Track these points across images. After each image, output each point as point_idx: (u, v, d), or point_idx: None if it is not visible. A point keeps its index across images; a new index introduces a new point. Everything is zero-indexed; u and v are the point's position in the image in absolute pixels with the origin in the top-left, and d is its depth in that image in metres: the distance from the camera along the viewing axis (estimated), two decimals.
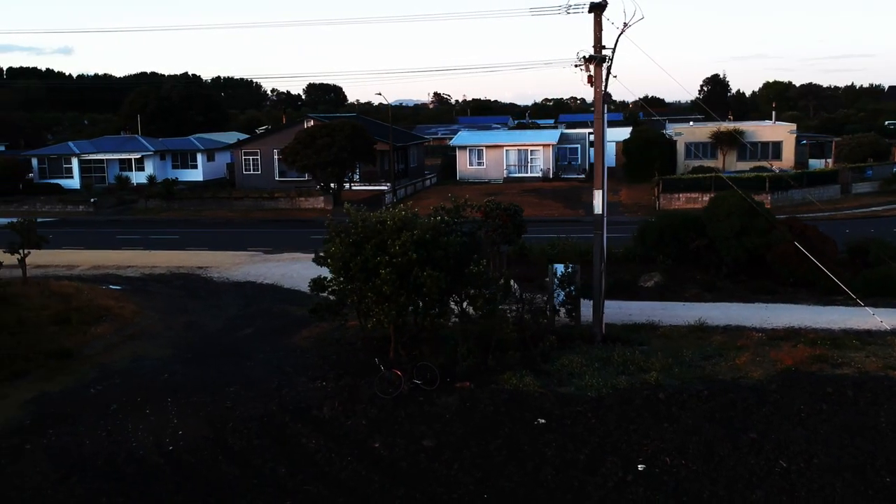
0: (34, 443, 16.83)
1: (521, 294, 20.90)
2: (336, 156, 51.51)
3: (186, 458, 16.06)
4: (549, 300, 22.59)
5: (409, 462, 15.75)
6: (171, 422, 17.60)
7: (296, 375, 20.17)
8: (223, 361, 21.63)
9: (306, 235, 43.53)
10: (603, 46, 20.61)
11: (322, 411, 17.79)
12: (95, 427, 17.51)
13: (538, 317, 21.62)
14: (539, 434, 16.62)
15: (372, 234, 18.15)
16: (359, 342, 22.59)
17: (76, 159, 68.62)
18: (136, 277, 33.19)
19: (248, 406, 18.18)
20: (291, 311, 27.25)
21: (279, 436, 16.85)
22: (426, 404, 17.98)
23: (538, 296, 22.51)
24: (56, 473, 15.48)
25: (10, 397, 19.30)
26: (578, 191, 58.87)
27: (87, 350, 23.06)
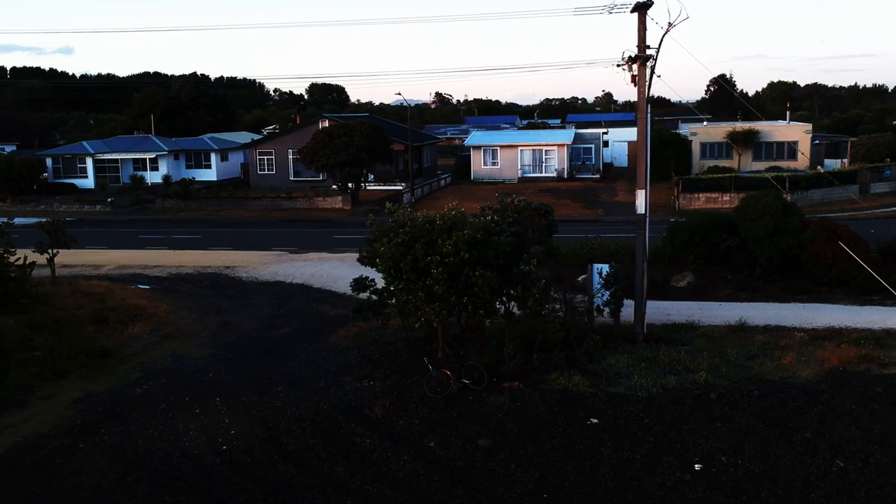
0: (88, 442, 16.84)
1: (565, 295, 20.87)
2: (354, 156, 51.51)
3: (242, 458, 16.04)
4: (588, 300, 22.57)
5: (465, 462, 15.73)
6: (222, 421, 17.60)
7: (341, 375, 20.17)
8: (265, 361, 21.63)
9: (328, 235, 43.60)
10: (647, 46, 20.59)
11: (373, 411, 17.77)
12: (146, 426, 17.51)
13: (580, 317, 21.61)
14: (593, 434, 16.60)
15: (421, 234, 18.13)
16: (399, 342, 22.61)
17: (91, 159, 68.64)
18: (164, 277, 33.19)
19: (299, 405, 18.17)
20: (325, 310, 27.27)
21: (333, 435, 16.83)
22: (476, 404, 17.97)
23: (578, 296, 22.48)
24: (113, 472, 15.48)
25: (56, 396, 19.31)
26: (595, 191, 58.85)
27: (125, 350, 23.07)
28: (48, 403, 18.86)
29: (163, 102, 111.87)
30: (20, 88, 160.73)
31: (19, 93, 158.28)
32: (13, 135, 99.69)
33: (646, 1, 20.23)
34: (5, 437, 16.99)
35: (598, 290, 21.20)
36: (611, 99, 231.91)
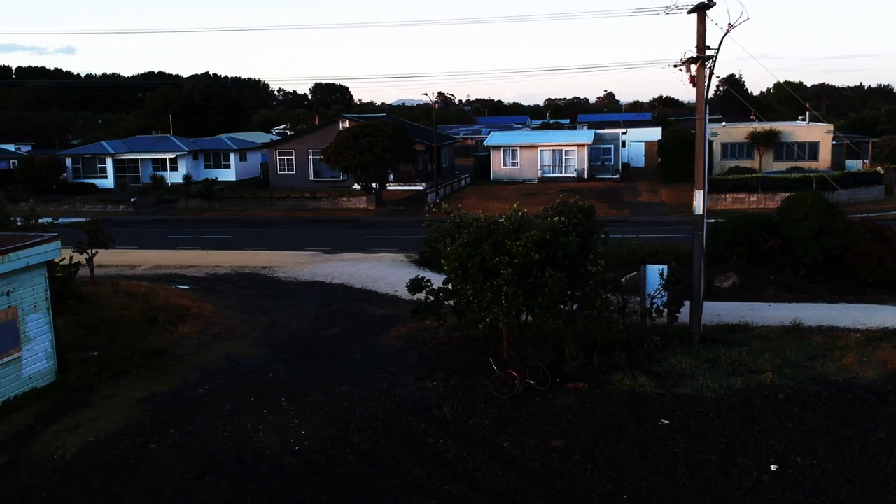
0: (158, 442, 16.84)
1: (622, 295, 20.87)
2: (379, 156, 51.54)
3: (317, 458, 16.05)
4: (641, 300, 22.54)
5: (541, 462, 15.73)
6: (291, 421, 17.60)
7: (402, 375, 20.17)
8: (322, 361, 21.64)
9: (358, 235, 43.62)
10: (707, 47, 20.58)
11: (442, 411, 17.78)
12: (214, 427, 17.52)
13: (633, 317, 21.61)
14: (666, 435, 16.59)
15: (486, 234, 18.13)
16: (453, 342, 22.62)
17: (110, 159, 68.74)
18: (202, 277, 33.21)
19: (366, 406, 18.18)
20: (370, 310, 27.27)
21: (405, 436, 16.83)
22: (544, 405, 17.97)
23: (632, 297, 22.46)
24: (190, 473, 15.49)
25: (119, 396, 19.32)
26: (617, 191, 58.81)
27: (178, 350, 23.08)
28: (112, 403, 18.87)
29: (176, 102, 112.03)
30: (27, 88, 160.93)
31: (26, 93, 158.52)
32: (27, 134, 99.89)
33: (706, 2, 20.20)
34: (77, 436, 17.00)
35: (657, 291, 21.16)
36: (613, 99, 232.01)
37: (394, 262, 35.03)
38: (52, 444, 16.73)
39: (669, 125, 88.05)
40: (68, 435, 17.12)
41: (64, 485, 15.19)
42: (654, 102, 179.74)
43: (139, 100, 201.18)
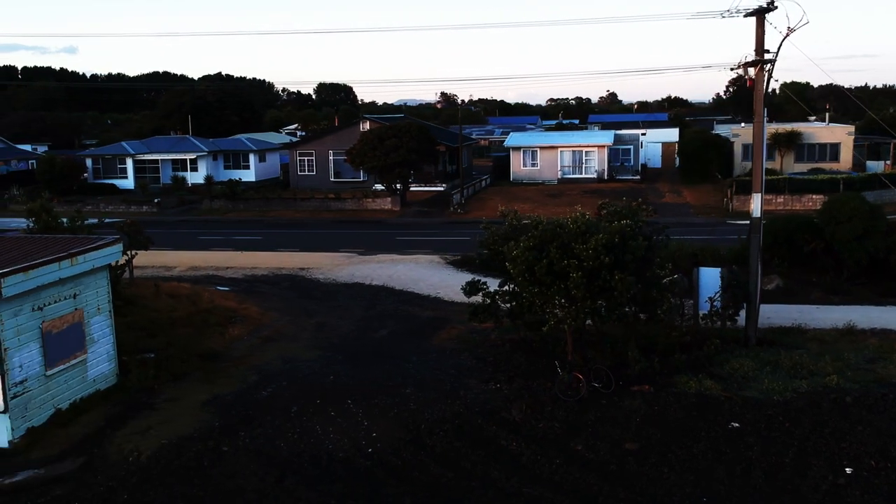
0: (230, 445, 16.91)
1: (681, 299, 20.93)
2: (405, 157, 51.61)
3: (392, 460, 16.12)
4: (695, 304, 22.60)
5: (617, 465, 15.79)
6: (361, 424, 17.67)
7: (463, 377, 20.23)
8: (378, 363, 21.70)
9: (389, 237, 43.68)
10: (767, 50, 20.62)
11: (511, 413, 17.85)
12: (283, 429, 17.58)
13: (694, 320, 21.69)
14: (737, 438, 16.65)
15: (551, 237, 18.18)
16: (506, 344, 22.69)
17: (130, 160, 68.86)
18: (240, 279, 33.29)
19: (433, 408, 18.25)
20: (416, 312, 27.34)
21: (477, 438, 16.90)
22: (611, 407, 18.03)
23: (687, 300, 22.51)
24: (270, 476, 15.56)
25: (183, 399, 19.39)
26: (639, 192, 58.61)
27: (232, 352, 23.16)
28: (178, 406, 18.95)
29: (189, 103, 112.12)
30: (34, 89, 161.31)
31: (33, 93, 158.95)
32: (43, 135, 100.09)
33: (766, 6, 20.24)
34: (150, 439, 17.08)
35: (716, 294, 21.21)
36: (615, 99, 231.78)
37: (431, 263, 35.09)
38: (126, 447, 16.81)
39: (686, 126, 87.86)
40: (140, 437, 17.20)
41: (143, 487, 15.27)
42: (665, 103, 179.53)
43: (145, 100, 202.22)
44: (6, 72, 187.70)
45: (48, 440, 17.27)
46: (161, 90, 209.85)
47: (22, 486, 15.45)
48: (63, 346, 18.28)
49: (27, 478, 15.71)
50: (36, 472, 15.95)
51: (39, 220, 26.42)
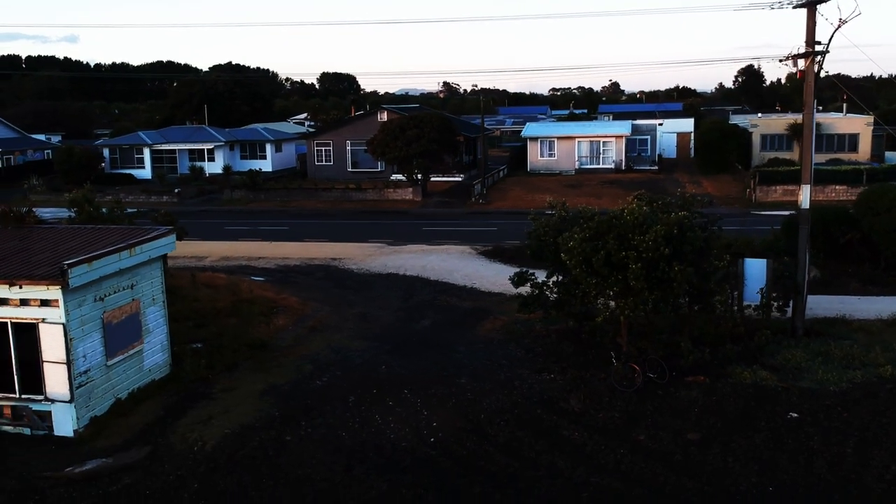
0: (293, 434, 17.05)
1: (732, 291, 20.99)
2: (426, 147, 51.61)
3: (457, 450, 16.25)
4: (739, 295, 22.64)
5: (681, 455, 15.90)
6: (420, 413, 17.80)
7: (515, 368, 20.35)
8: (427, 353, 21.82)
9: (416, 227, 43.72)
10: (818, 42, 20.63)
11: (569, 403, 17.97)
12: (343, 419, 17.72)
13: (739, 311, 21.74)
14: (797, 428, 16.76)
15: (607, 228, 18.26)
16: (552, 335, 22.79)
17: (147, 149, 68.92)
18: (273, 269, 33.40)
19: (490, 398, 18.38)
20: (455, 303, 27.43)
21: (538, 428, 17.03)
22: (668, 398, 18.15)
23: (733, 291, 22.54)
24: (337, 465, 15.69)
25: (239, 389, 19.52)
26: (659, 183, 58.71)
27: (279, 342, 23.28)
28: (235, 396, 19.07)
29: (200, 93, 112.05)
30: (40, 79, 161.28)
31: (38, 83, 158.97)
32: (55, 125, 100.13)
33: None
34: (213, 429, 17.23)
35: (764, 285, 21.27)
36: (618, 89, 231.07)
37: (462, 254, 35.16)
38: (190, 436, 16.96)
39: (700, 116, 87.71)
40: (203, 427, 17.34)
41: (212, 476, 15.42)
42: (674, 92, 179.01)
43: (149, 89, 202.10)
44: (10, 61, 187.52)
45: (111, 429, 17.43)
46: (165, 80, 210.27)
47: (92, 475, 15.61)
48: (122, 337, 18.41)
49: (96, 466, 15.86)
50: (104, 460, 16.09)
51: (82, 211, 26.51)
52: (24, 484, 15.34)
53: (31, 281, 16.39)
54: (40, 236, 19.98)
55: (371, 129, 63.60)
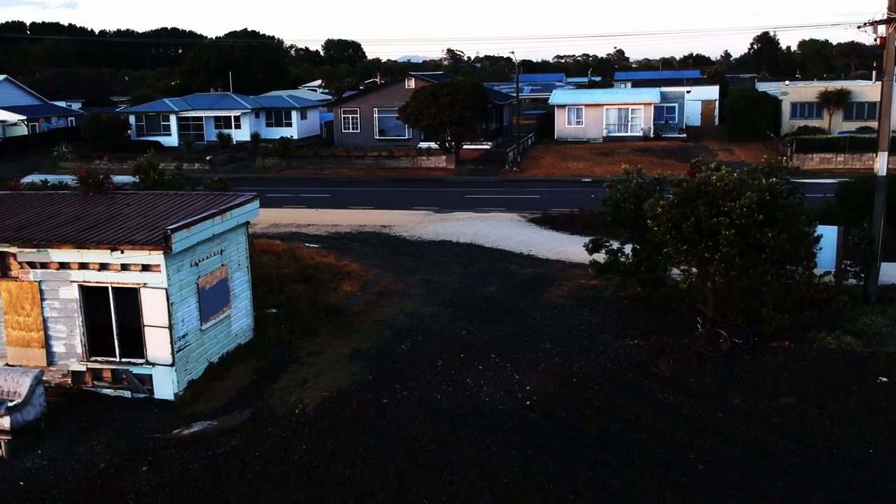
0: (389, 397, 17.30)
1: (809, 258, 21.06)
2: (460, 115, 51.49)
3: (556, 412, 16.50)
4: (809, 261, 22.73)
5: (779, 418, 16.12)
6: (511, 377, 18.04)
7: (594, 333, 20.56)
8: (503, 319, 22.02)
9: (458, 195, 43.79)
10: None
11: (658, 368, 18.19)
12: (435, 382, 17.96)
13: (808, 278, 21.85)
14: (890, 392, 16.96)
15: (695, 195, 18.33)
16: (624, 301, 22.98)
17: (174, 117, 68.81)
18: (325, 236, 33.55)
19: (579, 362, 18.60)
20: (515, 269, 27.61)
21: (632, 391, 17.26)
22: (755, 362, 18.37)
23: None
24: (441, 427, 15.93)
25: (325, 353, 19.76)
26: (690, 150, 58.60)
27: (351, 307, 23.50)
28: (323, 360, 19.29)
29: (216, 60, 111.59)
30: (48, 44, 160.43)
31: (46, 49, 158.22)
32: (75, 91, 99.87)
33: None
34: (311, 391, 17.48)
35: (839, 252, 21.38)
36: (623, 56, 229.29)
37: (511, 221, 35.31)
38: (289, 399, 17.22)
39: (726, 83, 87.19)
40: (300, 390, 17.59)
41: (318, 437, 15.67)
42: (689, 60, 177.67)
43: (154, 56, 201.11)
44: (15, 27, 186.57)
45: (209, 392, 17.70)
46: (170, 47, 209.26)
47: (200, 437, 15.89)
48: (213, 302, 18.63)
49: (203, 429, 16.15)
50: (210, 423, 16.37)
51: (148, 177, 26.63)
52: (136, 445, 15.64)
53: (133, 246, 16.56)
54: (125, 202, 20.13)
55: (398, 97, 63.53)
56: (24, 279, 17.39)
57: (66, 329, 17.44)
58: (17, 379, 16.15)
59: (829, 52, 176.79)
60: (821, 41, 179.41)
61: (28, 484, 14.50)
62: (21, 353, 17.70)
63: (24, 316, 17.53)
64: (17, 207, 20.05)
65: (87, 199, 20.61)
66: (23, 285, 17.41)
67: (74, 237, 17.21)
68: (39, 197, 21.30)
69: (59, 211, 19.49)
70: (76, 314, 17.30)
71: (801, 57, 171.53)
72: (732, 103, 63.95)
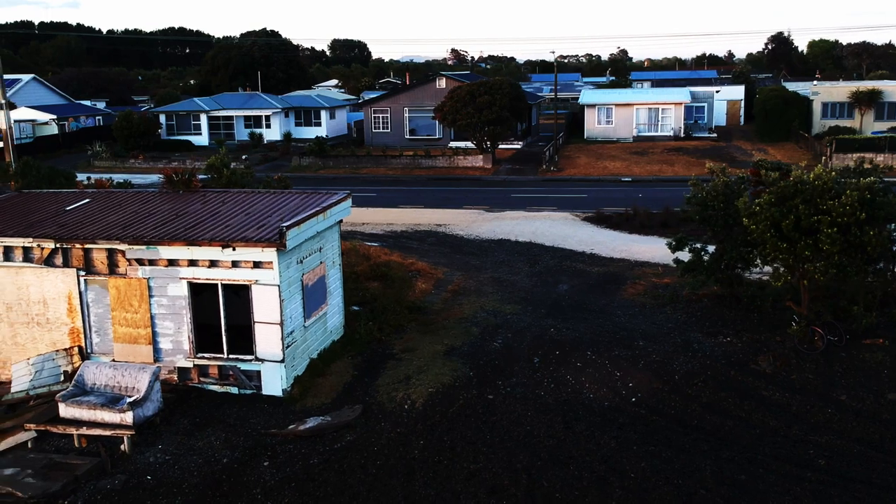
0: (494, 394, 17.46)
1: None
2: (498, 114, 51.65)
3: (665, 409, 16.66)
4: None
5: (889, 414, 16.27)
6: (612, 374, 18.19)
7: (684, 331, 20.70)
8: (587, 316, 22.17)
9: (504, 194, 43.96)
10: None
11: (759, 365, 18.34)
12: (535, 379, 18.12)
13: None
14: None
15: (792, 194, 18.46)
16: (703, 299, 23.10)
17: (205, 116, 69.05)
18: (382, 234, 33.73)
19: (678, 360, 18.75)
20: (582, 268, 27.76)
21: (737, 388, 17.41)
22: (852, 359, 18.50)
23: None
24: (555, 423, 16.09)
25: (420, 350, 19.91)
26: (723, 150, 58.73)
27: (430, 305, 23.66)
28: (420, 357, 19.43)
29: (235, 59, 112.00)
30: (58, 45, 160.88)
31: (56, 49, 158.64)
32: (100, 91, 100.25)
33: None
34: (417, 388, 17.63)
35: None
36: (626, 56, 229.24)
37: (566, 220, 35.47)
38: (396, 395, 17.38)
39: (750, 83, 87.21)
40: (405, 386, 17.75)
41: (434, 433, 15.83)
42: (705, 60, 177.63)
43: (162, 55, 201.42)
44: (24, 27, 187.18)
45: (315, 389, 17.89)
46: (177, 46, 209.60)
47: (315, 432, 16.07)
48: (314, 299, 18.83)
49: (318, 424, 16.33)
50: (323, 419, 16.56)
51: (222, 175, 26.82)
52: (253, 441, 15.82)
53: (246, 243, 16.75)
54: (219, 200, 20.32)
55: (428, 96, 63.84)
56: (133, 276, 17.59)
57: (174, 326, 17.63)
58: (135, 375, 16.36)
59: (838, 53, 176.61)
60: (830, 41, 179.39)
61: (156, 479, 14.69)
62: (128, 350, 17.90)
63: (131, 313, 17.73)
64: (111, 205, 20.25)
65: (180, 198, 20.81)
66: (131, 282, 17.62)
67: (184, 234, 17.39)
68: (130, 195, 21.50)
69: (157, 209, 19.69)
70: (184, 311, 17.50)
71: (810, 57, 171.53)
72: (763, 103, 64.03)
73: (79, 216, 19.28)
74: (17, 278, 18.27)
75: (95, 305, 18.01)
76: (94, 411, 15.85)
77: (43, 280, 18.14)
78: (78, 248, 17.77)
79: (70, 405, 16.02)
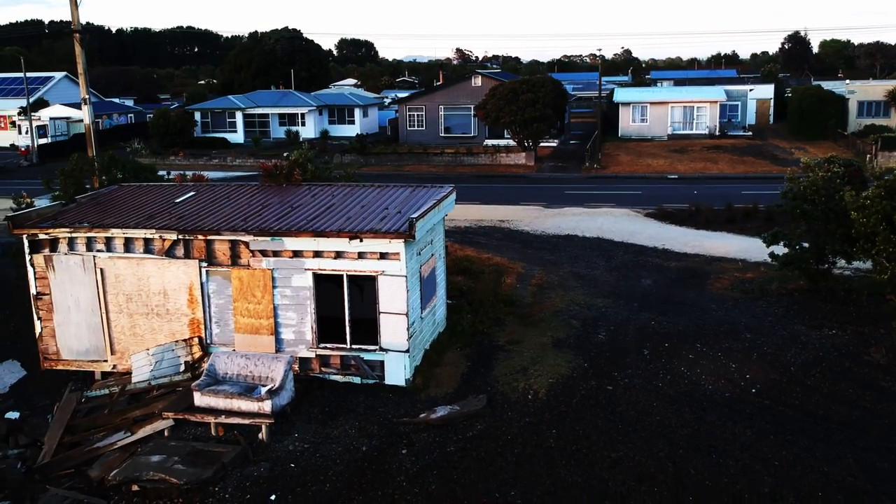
0: (614, 384, 17.67)
1: None
2: (541, 112, 51.87)
3: (788, 399, 16.88)
4: None
5: None
6: (727, 366, 18.40)
7: (787, 324, 20.89)
8: (682, 310, 22.37)
9: (557, 191, 44.19)
10: None
11: (872, 357, 18.54)
12: (650, 370, 18.32)
13: None
14: None
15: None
16: (795, 293, 23.30)
17: (240, 113, 69.35)
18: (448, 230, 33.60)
19: (790, 352, 18.95)
20: (658, 262, 27.97)
21: (855, 379, 17.62)
22: None
23: None
24: (686, 413, 16.28)
25: (527, 342, 20.11)
26: (762, 148, 58.88)
27: (521, 298, 23.87)
28: (529, 348, 19.62)
29: (258, 58, 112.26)
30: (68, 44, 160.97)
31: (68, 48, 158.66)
32: (127, 89, 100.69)
33: None
34: (537, 378, 17.84)
35: None
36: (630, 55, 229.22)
37: (629, 216, 35.70)
38: (517, 385, 17.60)
39: (780, 82, 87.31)
40: (524, 377, 17.97)
41: (563, 422, 16.04)
42: (722, 59, 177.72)
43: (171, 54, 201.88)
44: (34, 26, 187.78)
45: (436, 378, 18.13)
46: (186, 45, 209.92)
47: (447, 421, 16.29)
48: (428, 290, 19.08)
49: (448, 413, 16.54)
50: (452, 407, 16.77)
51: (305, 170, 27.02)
52: (387, 429, 16.05)
53: (375, 234, 16.98)
54: (328, 193, 20.57)
55: (464, 95, 64.12)
56: (257, 267, 17.83)
57: (297, 316, 17.87)
58: (270, 364, 16.62)
59: (851, 52, 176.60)
60: (842, 41, 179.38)
61: (299, 466, 14.93)
62: (249, 340, 18.15)
63: (254, 303, 17.97)
64: (217, 198, 20.50)
65: (285, 190, 21.07)
66: (255, 273, 17.86)
67: (308, 226, 17.64)
68: (232, 188, 21.74)
69: (267, 201, 19.95)
70: (308, 301, 17.74)
71: (823, 57, 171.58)
72: (799, 102, 64.19)
73: (193, 208, 19.54)
74: (137, 269, 18.52)
75: (216, 296, 18.26)
76: (230, 400, 16.09)
77: (164, 271, 18.39)
78: (200, 240, 18.01)
79: (206, 394, 16.28)
